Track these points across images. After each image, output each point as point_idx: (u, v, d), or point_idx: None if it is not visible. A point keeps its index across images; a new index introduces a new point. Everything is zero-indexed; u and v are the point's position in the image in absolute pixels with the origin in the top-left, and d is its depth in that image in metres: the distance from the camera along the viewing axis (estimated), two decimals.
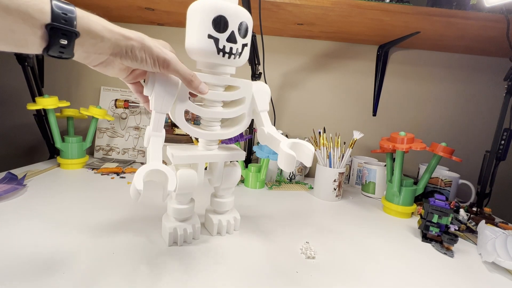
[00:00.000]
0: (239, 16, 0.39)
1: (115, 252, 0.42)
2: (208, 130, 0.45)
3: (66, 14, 0.25)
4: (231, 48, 0.39)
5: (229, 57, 0.40)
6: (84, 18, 0.27)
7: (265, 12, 0.73)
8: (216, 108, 0.44)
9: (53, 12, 0.24)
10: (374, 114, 1.03)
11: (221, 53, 0.39)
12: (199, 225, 0.48)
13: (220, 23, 0.37)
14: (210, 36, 0.38)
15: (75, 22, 0.25)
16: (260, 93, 0.45)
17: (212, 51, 0.38)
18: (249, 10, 0.66)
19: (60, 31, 0.25)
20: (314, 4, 0.67)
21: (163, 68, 0.35)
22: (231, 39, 0.39)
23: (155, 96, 0.37)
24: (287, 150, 0.38)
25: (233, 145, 0.52)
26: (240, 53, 0.41)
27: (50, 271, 0.36)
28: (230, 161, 0.50)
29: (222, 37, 0.38)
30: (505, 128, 0.73)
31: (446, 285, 0.42)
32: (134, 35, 0.31)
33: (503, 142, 0.73)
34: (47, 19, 0.24)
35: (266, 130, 0.44)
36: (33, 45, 0.25)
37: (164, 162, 0.38)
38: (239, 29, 0.39)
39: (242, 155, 0.48)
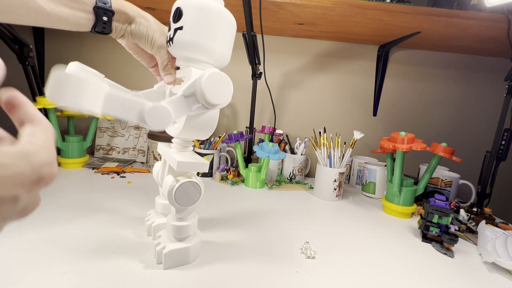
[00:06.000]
0: None
1: (115, 252, 0.42)
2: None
3: None
4: None
5: None
6: (118, 2, 0.38)
7: (266, 12, 0.73)
8: None
9: None
10: (375, 114, 1.03)
11: None
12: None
13: None
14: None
15: (109, 4, 0.37)
16: None
17: None
18: (250, 10, 0.66)
19: (102, 10, 0.36)
20: (315, 4, 0.67)
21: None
22: None
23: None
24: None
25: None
26: None
27: (49, 270, 0.37)
28: None
29: None
30: (505, 129, 0.73)
31: (446, 285, 0.42)
32: (148, 15, 0.40)
33: (503, 142, 0.73)
34: (93, 2, 0.36)
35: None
36: (88, 23, 0.37)
37: None
38: None
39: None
